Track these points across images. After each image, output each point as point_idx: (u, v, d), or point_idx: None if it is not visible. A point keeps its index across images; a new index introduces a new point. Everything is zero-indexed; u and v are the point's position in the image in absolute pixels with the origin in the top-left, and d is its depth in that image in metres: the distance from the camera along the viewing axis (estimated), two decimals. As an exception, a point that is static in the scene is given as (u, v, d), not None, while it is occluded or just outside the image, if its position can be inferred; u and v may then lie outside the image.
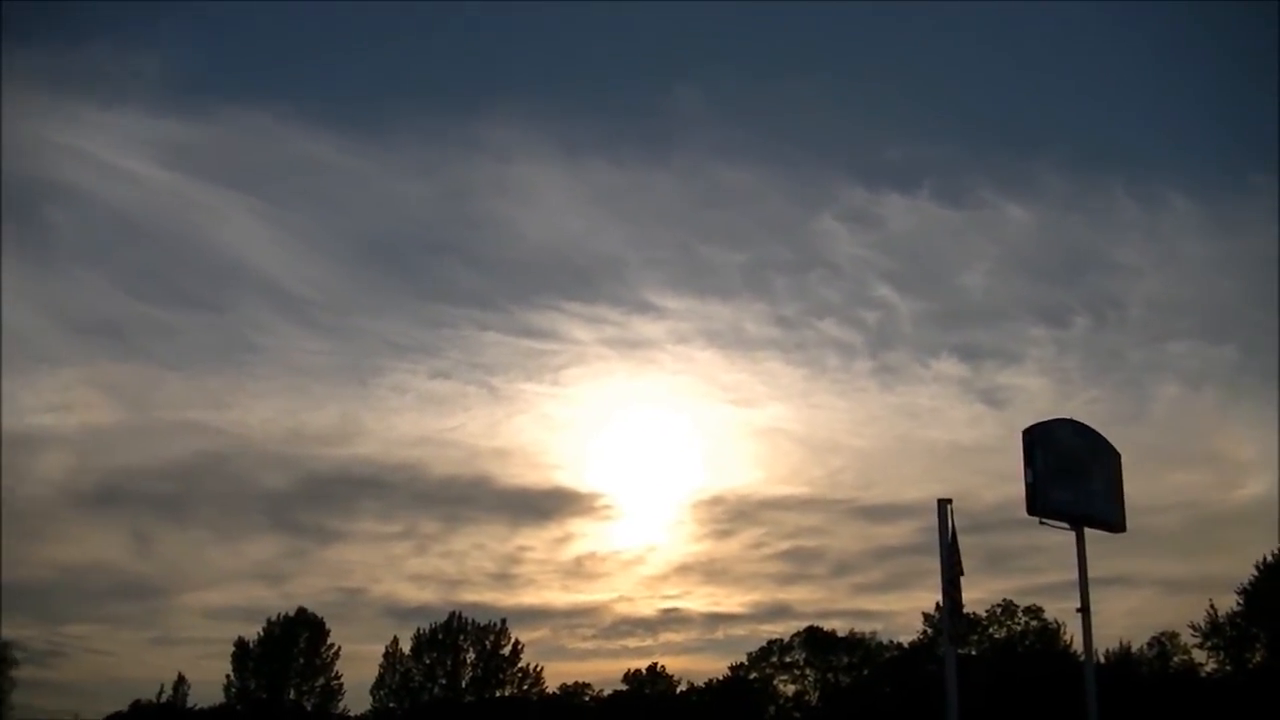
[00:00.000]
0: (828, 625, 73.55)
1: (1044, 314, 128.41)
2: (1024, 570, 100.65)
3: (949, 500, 17.33)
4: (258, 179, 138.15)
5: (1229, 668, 60.01)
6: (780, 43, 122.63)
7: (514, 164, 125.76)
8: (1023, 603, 68.62)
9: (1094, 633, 18.84)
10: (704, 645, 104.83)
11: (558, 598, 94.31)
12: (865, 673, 70.46)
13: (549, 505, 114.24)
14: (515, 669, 71.34)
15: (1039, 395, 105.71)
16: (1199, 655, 62.30)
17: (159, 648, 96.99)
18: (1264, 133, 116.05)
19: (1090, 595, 18.56)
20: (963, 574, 17.18)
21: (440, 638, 71.23)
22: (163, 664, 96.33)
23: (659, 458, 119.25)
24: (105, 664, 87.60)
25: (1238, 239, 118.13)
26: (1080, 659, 22.87)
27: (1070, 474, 18.26)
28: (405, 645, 71.25)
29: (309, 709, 69.76)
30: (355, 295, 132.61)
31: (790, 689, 72.53)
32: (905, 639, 69.41)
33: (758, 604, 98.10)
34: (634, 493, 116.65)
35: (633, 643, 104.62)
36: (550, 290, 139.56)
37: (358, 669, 72.77)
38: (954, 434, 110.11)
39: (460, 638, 71.37)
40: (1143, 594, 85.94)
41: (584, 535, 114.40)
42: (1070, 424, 18.98)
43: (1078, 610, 18.70)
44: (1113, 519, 19.33)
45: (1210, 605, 61.04)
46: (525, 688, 71.16)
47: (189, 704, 70.47)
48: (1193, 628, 61.66)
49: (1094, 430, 19.36)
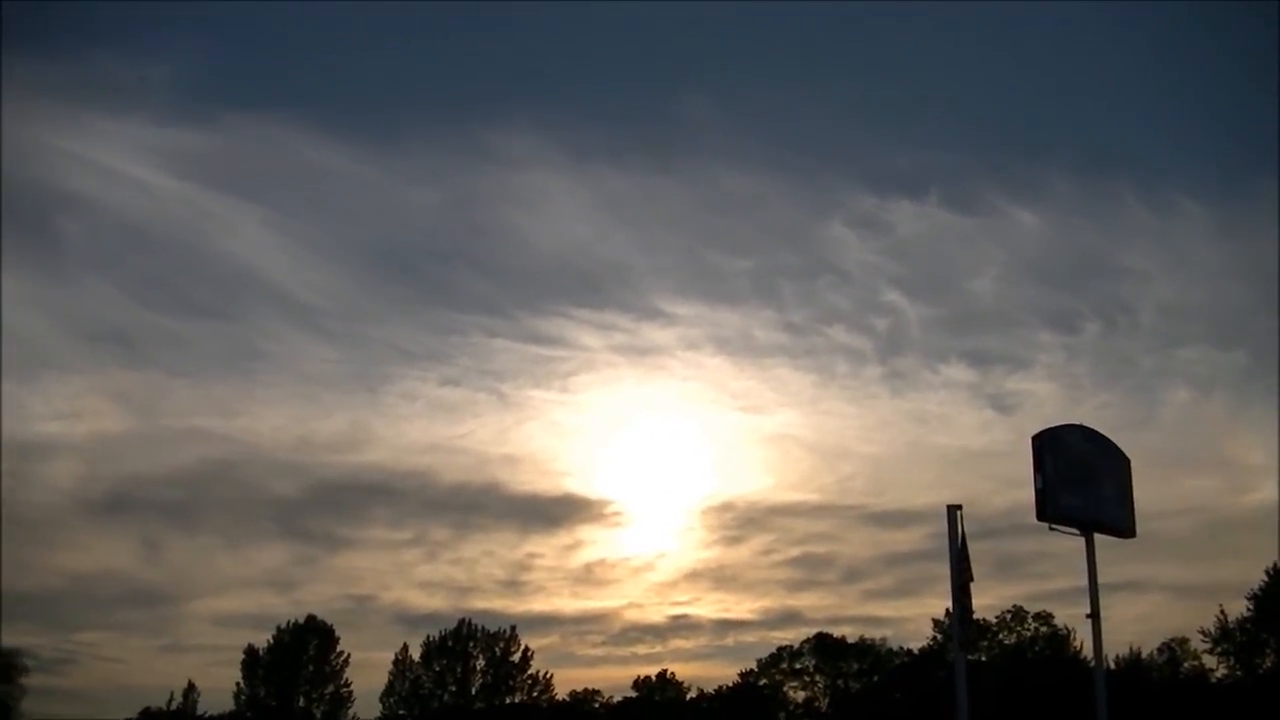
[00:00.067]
0: (837, 631, 73.55)
1: (1053, 319, 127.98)
2: (1034, 576, 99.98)
3: (959, 506, 17.41)
4: (267, 187, 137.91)
5: (1239, 673, 59.88)
6: (788, 49, 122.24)
7: (522, 171, 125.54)
8: (1033, 608, 68.63)
9: (1104, 638, 18.85)
10: (714, 652, 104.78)
11: (567, 604, 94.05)
12: (875, 679, 70.35)
13: (559, 512, 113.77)
14: (525, 676, 71.36)
15: (1048, 401, 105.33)
16: (1209, 661, 62.35)
17: (169, 655, 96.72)
18: (1268, 134, 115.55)
19: (1100, 601, 18.60)
20: (972, 580, 17.23)
21: (450, 645, 71.23)
22: (173, 671, 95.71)
23: (668, 464, 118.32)
24: (115, 671, 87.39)
25: (1247, 244, 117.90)
26: (1090, 665, 22.83)
27: (1080, 479, 18.30)
28: (415, 652, 71.30)
29: (319, 716, 69.77)
30: (364, 303, 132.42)
31: (800, 695, 72.56)
32: (915, 645, 69.31)
33: (767, 610, 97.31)
34: (643, 499, 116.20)
35: (642, 649, 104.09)
36: (559, 297, 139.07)
37: (367, 676, 72.69)
38: (964, 440, 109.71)
39: (470, 645, 71.38)
40: (1153, 599, 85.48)
41: (594, 542, 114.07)
42: (1080, 429, 19.03)
43: (1088, 616, 18.73)
44: (1122, 524, 19.37)
45: (1220, 611, 61.12)
46: (535, 695, 71.16)
47: (199, 711, 70.46)
48: (1203, 633, 61.69)
49: (1103, 436, 19.42)
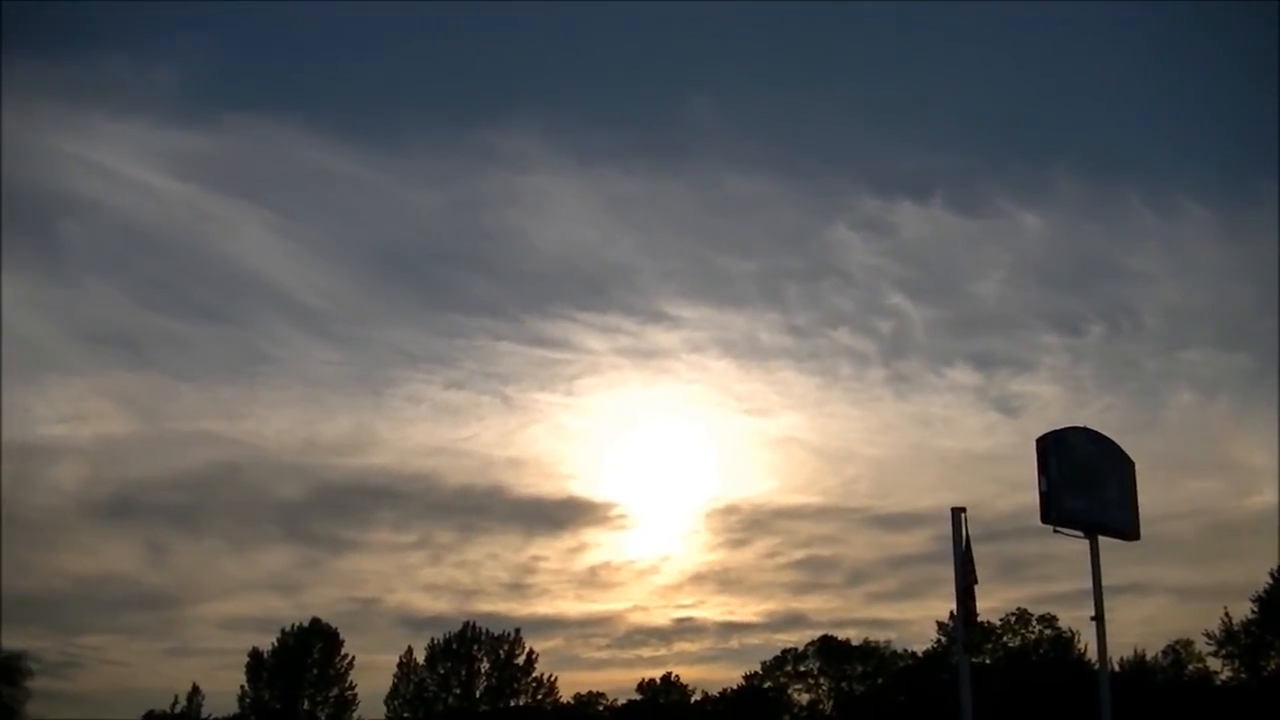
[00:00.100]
0: (842, 634, 73.76)
1: (1058, 322, 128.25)
2: (1038, 579, 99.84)
3: (963, 509, 17.43)
4: (270, 189, 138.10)
5: (1244, 676, 59.94)
6: (793, 52, 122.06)
7: (527, 173, 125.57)
8: (1037, 611, 68.82)
9: (1108, 641, 18.90)
10: (718, 654, 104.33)
11: (572, 607, 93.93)
12: (879, 682, 70.42)
13: (563, 515, 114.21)
14: (529, 679, 71.43)
15: (1053, 403, 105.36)
16: (1214, 663, 62.52)
17: (173, 658, 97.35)
18: (1271, 136, 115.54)
19: (1104, 603, 18.59)
20: (977, 582, 17.26)
21: (454, 647, 71.27)
22: (177, 674, 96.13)
23: (673, 467, 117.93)
24: (120, 675, 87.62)
25: (1251, 246, 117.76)
26: (1095, 667, 22.90)
27: (1084, 482, 18.30)
28: (420, 655, 71.44)
29: (323, 719, 69.97)
30: (369, 306, 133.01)
31: (804, 698, 72.67)
32: (919, 648, 69.46)
33: (772, 613, 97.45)
34: (648, 502, 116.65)
35: (647, 652, 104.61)
36: (564, 300, 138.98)
37: (372, 679, 72.81)
38: (968, 442, 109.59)
39: (474, 647, 71.44)
40: (1157, 602, 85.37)
41: (598, 545, 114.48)
42: (1084, 432, 19.03)
43: (1092, 618, 18.76)
44: (1127, 527, 19.38)
45: (1225, 613, 61.30)
46: (539, 697, 71.20)
47: (203, 714, 70.64)
48: (1207, 636, 61.84)
49: (1108, 438, 19.41)
